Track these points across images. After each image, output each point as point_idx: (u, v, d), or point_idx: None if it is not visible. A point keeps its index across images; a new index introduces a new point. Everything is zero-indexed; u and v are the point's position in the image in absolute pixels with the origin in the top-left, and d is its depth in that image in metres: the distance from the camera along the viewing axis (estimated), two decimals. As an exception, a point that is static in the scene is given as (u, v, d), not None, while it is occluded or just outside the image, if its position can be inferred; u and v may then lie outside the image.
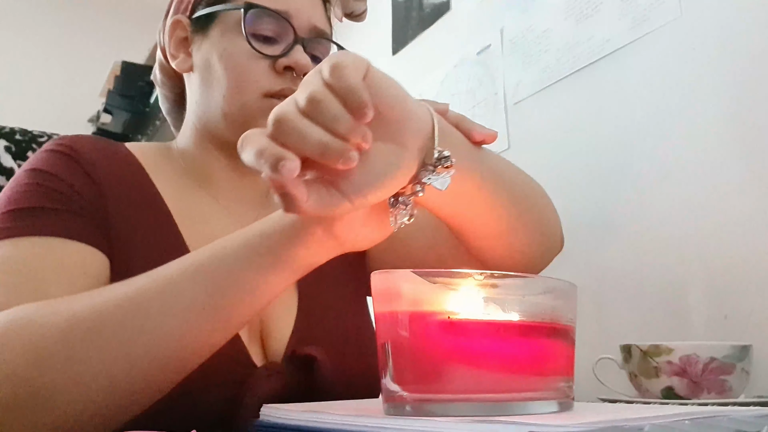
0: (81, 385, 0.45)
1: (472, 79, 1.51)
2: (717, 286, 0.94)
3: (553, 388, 0.41)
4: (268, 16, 0.69)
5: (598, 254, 1.13)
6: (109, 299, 0.48)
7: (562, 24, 1.25)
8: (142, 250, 0.63)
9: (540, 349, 0.41)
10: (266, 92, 0.68)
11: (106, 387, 0.45)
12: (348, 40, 0.82)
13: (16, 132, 0.91)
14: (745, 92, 0.93)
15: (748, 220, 0.91)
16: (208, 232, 0.70)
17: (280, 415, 0.45)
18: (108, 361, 0.46)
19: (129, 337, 0.46)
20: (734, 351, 0.69)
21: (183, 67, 0.74)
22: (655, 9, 1.07)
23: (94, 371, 0.45)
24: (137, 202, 0.66)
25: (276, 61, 0.69)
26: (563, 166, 1.23)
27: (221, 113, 0.70)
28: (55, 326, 0.46)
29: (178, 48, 0.74)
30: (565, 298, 0.43)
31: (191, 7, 0.74)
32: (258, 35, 0.69)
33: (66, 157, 0.64)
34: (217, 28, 0.71)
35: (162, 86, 0.81)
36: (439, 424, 0.36)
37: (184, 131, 0.76)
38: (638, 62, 1.09)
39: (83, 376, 0.45)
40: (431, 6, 1.68)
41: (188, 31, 0.74)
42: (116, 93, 2.40)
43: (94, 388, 0.45)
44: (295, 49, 0.69)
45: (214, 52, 0.70)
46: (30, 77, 2.66)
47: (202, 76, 0.72)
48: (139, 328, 0.47)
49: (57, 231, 0.57)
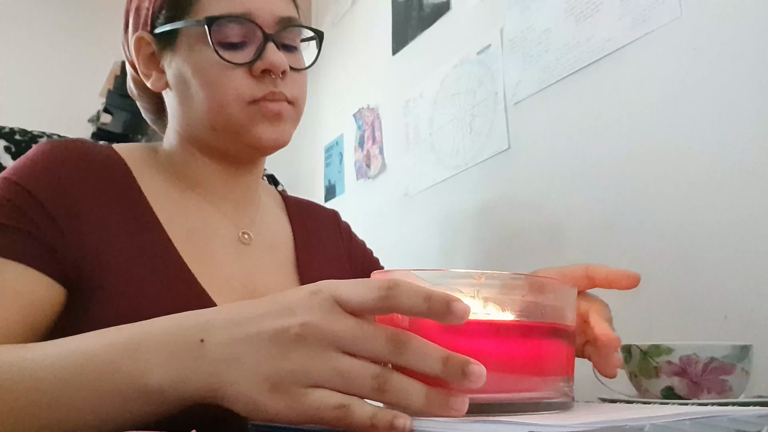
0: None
1: (472, 79, 1.51)
2: (717, 286, 0.94)
3: (552, 387, 0.41)
4: (231, 23, 0.67)
5: (598, 254, 1.13)
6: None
7: (562, 24, 1.25)
8: (124, 252, 0.63)
9: (538, 349, 0.41)
10: (249, 100, 0.67)
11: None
12: (349, 41, 0.82)
13: (15, 132, 0.91)
14: (745, 92, 0.93)
15: (748, 219, 0.91)
16: (201, 232, 0.71)
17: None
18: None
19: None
20: (734, 351, 0.69)
21: (158, 85, 0.72)
22: (655, 9, 1.07)
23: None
24: (120, 205, 0.66)
25: (252, 67, 0.67)
26: (563, 166, 1.23)
27: (209, 126, 0.69)
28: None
29: (148, 66, 0.73)
30: (564, 299, 0.44)
31: (150, 22, 0.72)
32: (226, 43, 0.67)
33: (48, 173, 0.63)
34: (183, 43, 0.69)
35: (139, 99, 0.80)
36: (439, 423, 0.36)
37: (168, 137, 0.76)
38: (638, 62, 1.09)
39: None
40: (431, 6, 1.68)
41: (153, 47, 0.72)
42: (116, 93, 2.40)
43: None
44: (267, 49, 0.68)
45: (187, 67, 0.69)
46: (30, 77, 2.66)
47: (179, 92, 0.71)
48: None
49: (2, 251, 0.57)
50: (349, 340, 0.38)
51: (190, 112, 0.70)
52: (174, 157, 0.74)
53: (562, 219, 1.23)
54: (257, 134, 0.68)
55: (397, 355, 0.37)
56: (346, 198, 2.04)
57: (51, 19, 2.75)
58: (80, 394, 0.43)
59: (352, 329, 0.38)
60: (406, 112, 1.75)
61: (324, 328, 0.38)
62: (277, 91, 0.68)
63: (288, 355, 0.38)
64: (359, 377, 0.37)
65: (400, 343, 0.37)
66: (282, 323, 0.39)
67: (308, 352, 0.38)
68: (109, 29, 0.79)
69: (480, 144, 1.46)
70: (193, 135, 0.72)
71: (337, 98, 2.11)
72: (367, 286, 0.39)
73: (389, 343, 0.37)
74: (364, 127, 1.97)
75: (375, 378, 0.37)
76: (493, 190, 1.41)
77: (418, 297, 0.37)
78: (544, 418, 0.35)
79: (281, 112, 0.69)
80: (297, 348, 0.38)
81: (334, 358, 0.38)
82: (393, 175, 1.80)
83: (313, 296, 0.40)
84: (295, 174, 2.25)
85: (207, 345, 0.41)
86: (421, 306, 0.37)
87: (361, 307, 0.39)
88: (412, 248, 1.67)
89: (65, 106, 2.55)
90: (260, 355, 0.39)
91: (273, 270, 0.75)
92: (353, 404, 0.37)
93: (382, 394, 0.37)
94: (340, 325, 0.38)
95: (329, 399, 0.37)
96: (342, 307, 0.39)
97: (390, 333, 0.38)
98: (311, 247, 0.81)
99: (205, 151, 0.73)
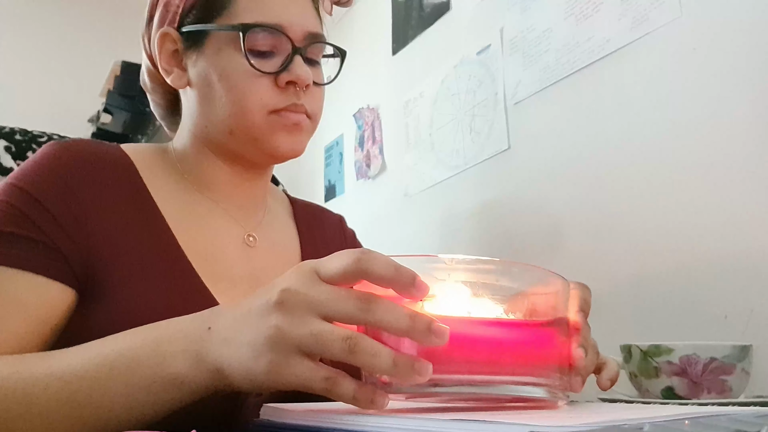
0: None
1: (472, 79, 1.51)
2: (717, 286, 0.94)
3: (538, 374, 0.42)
4: (263, 32, 0.68)
5: (597, 254, 1.13)
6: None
7: (562, 24, 1.25)
8: (131, 254, 0.63)
9: (521, 335, 0.42)
10: (271, 110, 0.68)
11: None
12: (349, 41, 0.82)
13: (16, 132, 0.91)
14: (744, 92, 0.93)
15: (748, 219, 0.91)
16: (208, 233, 0.71)
17: (280, 415, 0.45)
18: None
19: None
20: (734, 351, 0.69)
21: (179, 83, 0.73)
22: (655, 9, 1.07)
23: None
24: (127, 206, 0.66)
25: (278, 77, 0.68)
26: (563, 166, 1.23)
27: (227, 130, 0.70)
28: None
29: (169, 62, 0.73)
30: (548, 286, 0.44)
31: (179, 19, 0.72)
32: (255, 51, 0.68)
33: (55, 177, 0.63)
34: (211, 45, 0.70)
35: (153, 93, 0.80)
36: (439, 423, 0.36)
37: (181, 136, 0.76)
38: (638, 62, 1.09)
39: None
40: (431, 6, 1.68)
41: (179, 44, 0.72)
42: (116, 93, 2.40)
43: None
44: (295, 62, 0.69)
45: (213, 70, 0.69)
46: (30, 77, 2.66)
47: (201, 93, 0.71)
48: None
49: (8, 261, 0.57)
50: (324, 303, 0.41)
51: (211, 114, 0.70)
52: (185, 158, 0.74)
53: (562, 219, 1.23)
54: (275, 143, 0.69)
55: (367, 313, 0.40)
56: (345, 198, 2.04)
57: (51, 20, 2.75)
58: (112, 389, 0.47)
59: (327, 293, 0.42)
60: (406, 112, 1.75)
61: (301, 293, 0.42)
62: (299, 103, 0.69)
63: (269, 319, 0.42)
64: (332, 339, 0.40)
65: (370, 302, 0.40)
66: (266, 296, 0.43)
67: (287, 316, 0.42)
68: (109, 29, 0.79)
69: (480, 144, 1.46)
70: (210, 137, 0.72)
71: (337, 98, 2.11)
72: (343, 255, 0.42)
73: (360, 302, 0.41)
74: (364, 127, 1.97)
75: (346, 340, 0.40)
76: (493, 190, 1.41)
77: (388, 266, 0.41)
78: (544, 419, 0.35)
79: (300, 123, 0.70)
80: (277, 313, 0.42)
81: (311, 322, 0.41)
82: (393, 175, 1.80)
83: (296, 270, 0.44)
84: (295, 174, 2.25)
85: (213, 331, 0.46)
86: (389, 273, 0.40)
87: (336, 273, 0.42)
88: (412, 248, 1.67)
89: (65, 106, 2.55)
90: (249, 327, 0.43)
91: (278, 272, 0.75)
92: (339, 378, 0.41)
93: (352, 355, 0.40)
94: (316, 290, 0.42)
95: (314, 371, 0.41)
96: (320, 276, 0.43)
97: (361, 294, 0.41)
98: (317, 251, 0.81)
99: (219, 154, 0.73)
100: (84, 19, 2.78)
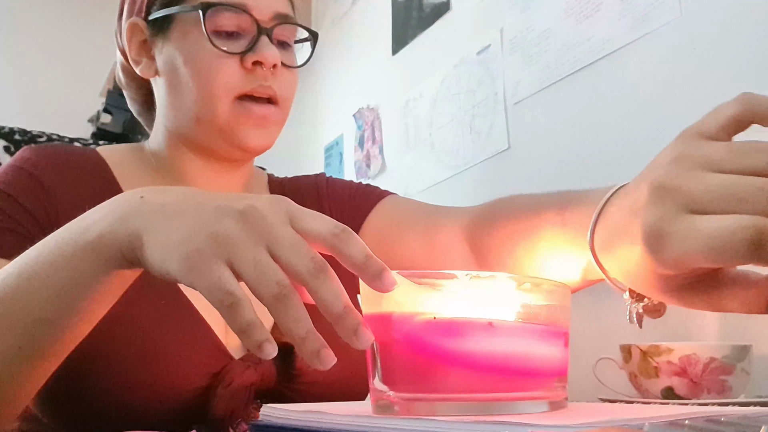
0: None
1: (472, 79, 1.51)
2: (717, 286, 0.93)
3: (543, 387, 0.41)
4: (227, 11, 0.66)
5: (598, 254, 1.12)
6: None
7: (562, 24, 1.25)
8: None
9: (528, 349, 0.41)
10: (238, 94, 0.67)
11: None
12: (348, 41, 0.82)
13: (15, 132, 0.91)
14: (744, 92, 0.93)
15: (748, 220, 0.91)
16: None
17: (279, 415, 0.45)
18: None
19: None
20: (734, 351, 0.69)
21: (147, 72, 0.72)
22: (655, 9, 1.07)
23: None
24: None
25: (243, 58, 0.67)
26: (563, 166, 1.23)
27: (194, 118, 0.69)
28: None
29: (139, 52, 0.73)
30: (555, 298, 0.44)
31: (145, 8, 0.71)
32: (220, 32, 0.67)
33: (28, 176, 0.65)
34: (176, 30, 0.69)
35: (127, 89, 0.80)
36: (440, 424, 0.36)
37: (155, 133, 0.76)
38: (638, 62, 1.09)
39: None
40: (431, 6, 1.68)
41: (146, 34, 0.72)
42: (116, 93, 2.39)
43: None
44: (261, 42, 0.67)
45: (178, 55, 0.68)
46: (30, 77, 2.66)
47: (169, 81, 0.70)
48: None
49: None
50: (280, 242, 0.39)
51: (178, 101, 0.70)
52: (159, 154, 0.74)
53: (562, 219, 1.23)
54: (244, 137, 0.68)
55: (314, 276, 0.38)
56: (346, 198, 2.04)
57: (51, 19, 2.75)
58: (40, 272, 0.45)
59: (290, 235, 0.39)
60: (406, 112, 1.75)
61: (267, 220, 0.39)
62: (266, 85, 0.68)
63: (223, 221, 0.40)
64: (268, 276, 0.38)
65: (323, 268, 0.38)
66: (233, 201, 0.41)
67: (241, 228, 0.39)
68: (109, 29, 0.79)
69: (480, 144, 1.46)
70: (180, 128, 0.71)
71: (337, 98, 2.11)
72: (325, 219, 0.40)
73: (313, 262, 0.38)
74: (364, 127, 1.97)
75: (280, 285, 0.37)
76: (492, 190, 1.41)
77: (362, 251, 0.38)
78: (544, 419, 0.35)
79: (268, 116, 0.69)
80: (234, 221, 0.40)
81: (259, 251, 0.38)
82: (393, 175, 1.80)
83: (272, 200, 0.41)
84: (295, 174, 2.25)
85: (145, 200, 0.43)
86: (360, 259, 0.38)
87: (309, 231, 0.40)
88: (412, 248, 1.67)
89: (65, 106, 2.55)
90: (197, 216, 0.41)
91: None
92: (243, 302, 0.38)
93: (276, 302, 0.37)
94: (282, 229, 0.39)
95: (227, 282, 0.38)
96: (292, 222, 0.40)
97: (318, 256, 0.39)
98: None
99: (191, 147, 0.72)
100: (84, 19, 2.78)
